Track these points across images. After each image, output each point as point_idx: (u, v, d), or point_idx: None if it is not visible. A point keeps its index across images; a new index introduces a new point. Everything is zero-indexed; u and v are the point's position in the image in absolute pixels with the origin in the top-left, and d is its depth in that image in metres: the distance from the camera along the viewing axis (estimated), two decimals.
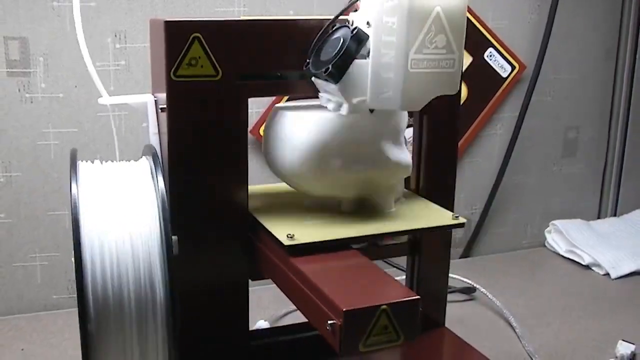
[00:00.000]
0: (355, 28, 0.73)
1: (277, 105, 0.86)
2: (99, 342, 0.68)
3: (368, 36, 0.73)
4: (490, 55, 1.43)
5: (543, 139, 1.56)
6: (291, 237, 0.75)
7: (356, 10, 0.76)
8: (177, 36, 0.75)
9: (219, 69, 0.77)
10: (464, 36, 0.73)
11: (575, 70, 1.55)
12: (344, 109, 0.77)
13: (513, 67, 1.45)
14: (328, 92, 0.78)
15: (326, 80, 0.75)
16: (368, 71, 0.72)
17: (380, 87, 0.72)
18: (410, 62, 0.70)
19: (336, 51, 0.73)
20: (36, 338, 1.13)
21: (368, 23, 0.73)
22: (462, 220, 0.83)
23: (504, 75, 1.45)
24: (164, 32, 0.75)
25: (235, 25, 0.78)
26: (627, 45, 1.57)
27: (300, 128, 0.80)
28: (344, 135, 0.78)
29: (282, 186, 0.91)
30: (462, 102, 0.94)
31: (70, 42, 1.15)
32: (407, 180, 0.91)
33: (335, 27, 0.77)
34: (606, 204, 1.66)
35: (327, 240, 0.76)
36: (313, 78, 0.78)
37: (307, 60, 0.78)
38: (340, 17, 0.77)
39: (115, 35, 1.18)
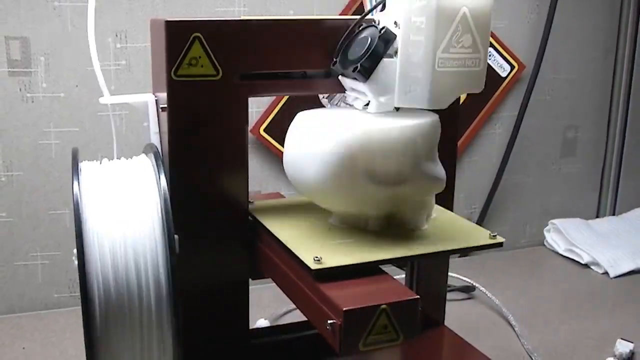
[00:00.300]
0: (383, 27, 0.74)
1: (301, 113, 0.81)
2: (103, 340, 0.68)
3: (395, 36, 0.73)
4: (490, 55, 1.43)
5: (542, 138, 1.56)
6: (318, 261, 0.70)
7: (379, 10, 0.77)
8: (178, 36, 0.75)
9: (219, 68, 0.77)
10: (489, 36, 0.74)
11: (574, 69, 1.55)
12: (372, 107, 0.77)
13: (512, 67, 1.46)
14: (355, 90, 0.79)
15: (354, 78, 0.76)
16: (396, 70, 0.73)
17: (408, 86, 0.73)
18: (437, 61, 0.71)
19: (364, 50, 0.74)
20: (37, 337, 1.13)
21: (396, 23, 0.73)
22: (500, 239, 0.79)
23: (503, 74, 1.45)
24: (165, 32, 0.75)
25: (235, 25, 0.78)
26: (625, 45, 1.57)
27: (328, 139, 0.74)
28: (374, 147, 0.74)
29: (302, 200, 0.87)
30: (461, 101, 0.93)
31: (71, 41, 1.15)
32: None
33: (361, 27, 0.78)
34: (605, 203, 1.66)
35: (357, 264, 0.72)
36: (340, 77, 0.79)
37: (334, 59, 0.79)
38: (366, 17, 0.78)
39: (116, 35, 1.18)
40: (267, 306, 1.18)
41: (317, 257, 0.70)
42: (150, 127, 0.85)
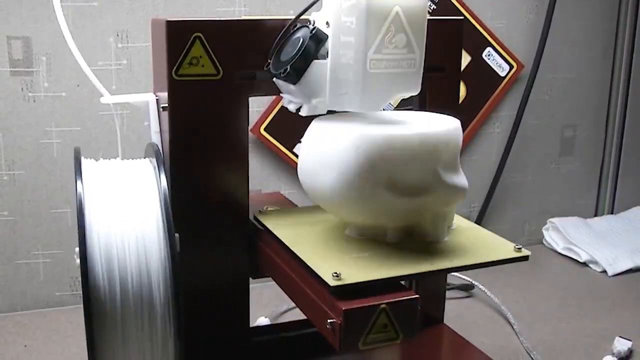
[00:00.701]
0: (314, 28, 0.72)
1: (317, 119, 0.77)
2: (104, 338, 0.69)
3: (327, 36, 0.71)
4: (489, 55, 1.44)
5: (541, 137, 1.56)
6: (337, 277, 0.66)
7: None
8: (179, 36, 0.76)
9: (219, 68, 0.78)
10: (425, 35, 0.71)
11: (573, 69, 1.55)
12: (304, 110, 0.75)
13: (511, 67, 1.46)
14: (289, 92, 0.76)
15: (285, 81, 0.74)
16: (327, 72, 0.71)
17: (339, 88, 0.71)
18: (369, 62, 0.68)
19: (295, 51, 0.72)
20: (39, 335, 1.14)
21: (327, 23, 0.71)
22: (525, 252, 0.76)
23: (502, 74, 1.46)
24: (166, 32, 0.76)
25: (235, 25, 0.79)
26: (623, 45, 1.57)
27: (347, 148, 0.70)
28: (395, 156, 0.69)
29: (316, 209, 0.84)
30: (460, 100, 0.94)
31: (73, 41, 1.16)
32: None
33: (296, 27, 0.76)
34: (603, 201, 1.66)
35: (379, 280, 0.68)
36: (274, 79, 0.76)
37: (268, 61, 0.76)
38: (303, 17, 0.76)
39: (118, 35, 1.18)
40: (268, 304, 1.19)
41: (336, 273, 0.66)
42: (151, 127, 0.86)
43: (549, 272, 1.44)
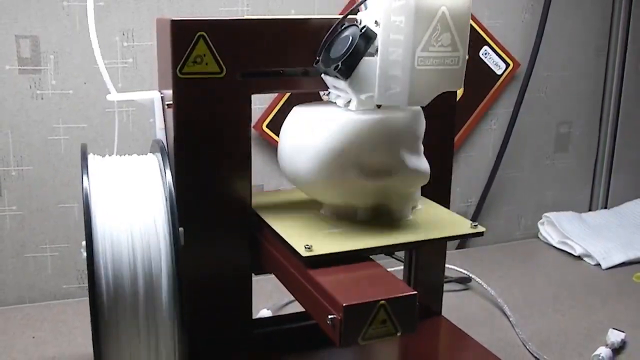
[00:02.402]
0: (364, 27, 0.74)
1: (297, 106, 0.83)
2: (109, 329, 0.70)
3: (376, 34, 0.74)
4: (486, 53, 1.45)
5: (536, 134, 1.58)
6: (309, 248, 0.73)
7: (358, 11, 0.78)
8: (183, 35, 0.77)
9: (223, 66, 0.79)
10: (468, 34, 0.75)
11: (568, 67, 1.56)
12: (353, 105, 0.78)
13: (507, 65, 1.47)
14: (337, 88, 0.79)
15: (336, 76, 0.76)
16: (376, 68, 0.74)
17: (388, 84, 0.74)
18: (416, 59, 0.71)
19: (346, 49, 0.75)
20: (47, 326, 1.14)
21: (376, 22, 0.74)
22: (481, 229, 0.81)
23: (499, 72, 1.47)
24: (170, 31, 0.77)
25: (238, 24, 0.80)
26: (617, 43, 1.58)
27: (318, 134, 0.77)
28: (362, 142, 0.76)
29: (296, 193, 0.90)
30: (458, 98, 0.95)
31: (80, 40, 1.17)
32: None
33: (344, 26, 0.79)
34: (597, 196, 1.67)
35: (345, 252, 0.74)
36: (322, 75, 0.80)
37: (317, 58, 0.79)
38: (349, 17, 0.79)
39: (123, 34, 1.20)
40: (270, 296, 1.19)
41: (307, 245, 0.73)
42: (156, 123, 0.87)
43: (544, 265, 1.44)
